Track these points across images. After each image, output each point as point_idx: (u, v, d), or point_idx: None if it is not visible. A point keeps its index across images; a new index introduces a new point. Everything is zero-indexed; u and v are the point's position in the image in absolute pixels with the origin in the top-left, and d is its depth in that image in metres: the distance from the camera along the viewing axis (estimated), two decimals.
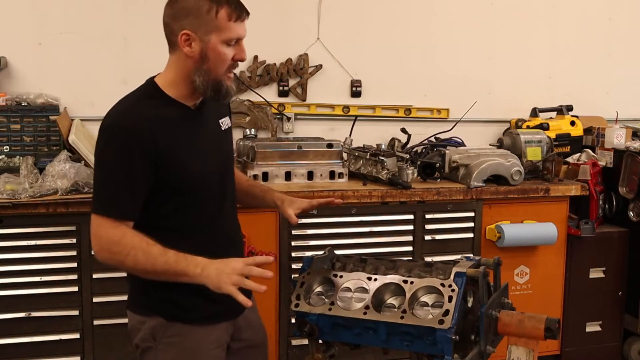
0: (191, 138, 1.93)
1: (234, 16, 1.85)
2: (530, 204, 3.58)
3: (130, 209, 1.85)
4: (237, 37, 1.88)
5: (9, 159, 3.42)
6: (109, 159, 1.84)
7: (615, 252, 3.76)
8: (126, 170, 1.82)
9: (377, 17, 4.10)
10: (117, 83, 3.74)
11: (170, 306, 1.96)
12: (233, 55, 1.89)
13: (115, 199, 1.83)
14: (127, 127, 1.83)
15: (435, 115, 4.23)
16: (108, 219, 1.83)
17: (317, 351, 2.16)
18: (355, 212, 3.34)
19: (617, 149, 3.82)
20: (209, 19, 1.84)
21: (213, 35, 1.85)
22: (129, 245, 1.80)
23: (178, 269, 1.78)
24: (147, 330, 1.98)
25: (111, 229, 1.82)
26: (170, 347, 1.97)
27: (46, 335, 3.02)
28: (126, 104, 1.91)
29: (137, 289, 2.02)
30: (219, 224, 2.04)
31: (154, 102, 1.90)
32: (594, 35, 4.47)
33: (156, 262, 1.79)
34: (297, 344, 3.30)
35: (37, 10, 3.62)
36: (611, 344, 3.83)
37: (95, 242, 1.84)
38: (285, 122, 3.97)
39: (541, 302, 3.59)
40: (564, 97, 4.30)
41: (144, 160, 1.82)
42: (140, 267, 1.81)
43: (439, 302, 1.94)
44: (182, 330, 1.97)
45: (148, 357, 2.00)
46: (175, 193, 1.92)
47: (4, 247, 2.95)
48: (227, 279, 1.75)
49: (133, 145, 1.81)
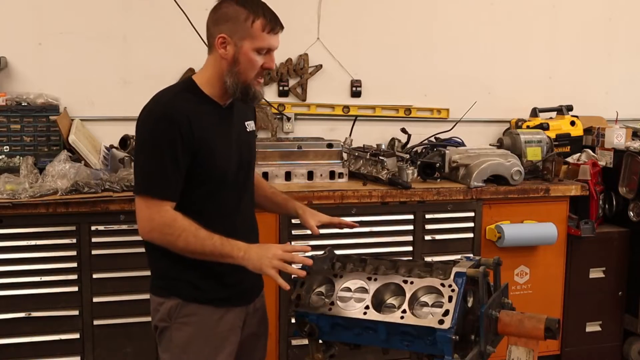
0: (220, 132, 2.09)
1: (267, 28, 2.03)
2: (530, 204, 3.58)
3: (175, 190, 2.01)
4: (268, 47, 2.05)
5: (9, 159, 3.42)
6: (155, 143, 1.99)
7: (615, 252, 3.76)
8: (170, 154, 1.97)
9: (377, 17, 4.10)
10: (117, 83, 3.75)
11: (186, 287, 2.08)
12: (262, 63, 2.06)
13: (162, 181, 1.99)
14: (168, 116, 1.99)
15: (435, 115, 4.23)
16: (155, 200, 1.98)
17: (317, 351, 2.16)
18: (355, 212, 3.34)
19: (617, 149, 3.82)
20: (245, 26, 2.01)
21: (246, 42, 2.02)
22: (180, 228, 1.96)
23: (224, 251, 1.97)
24: (164, 311, 2.10)
25: (162, 212, 1.98)
26: (184, 326, 2.09)
27: (46, 335, 3.02)
28: (166, 97, 2.07)
29: (157, 273, 2.16)
30: (238, 214, 2.16)
31: (190, 97, 2.06)
32: (593, 36, 4.47)
33: (205, 244, 1.96)
34: (297, 344, 3.30)
35: (37, 10, 3.62)
36: (611, 344, 3.83)
37: (145, 224, 2.00)
38: (285, 122, 3.97)
39: (541, 302, 3.59)
40: (564, 97, 4.30)
41: (183, 146, 1.98)
42: (191, 247, 1.97)
43: (439, 302, 1.94)
44: (197, 310, 2.09)
45: (164, 337, 2.12)
46: (202, 181, 2.06)
47: (4, 247, 2.95)
48: (269, 263, 1.94)
49: (175, 132, 1.97)
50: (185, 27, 3.68)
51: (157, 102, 2.05)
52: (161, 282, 2.15)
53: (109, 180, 3.08)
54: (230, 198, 2.13)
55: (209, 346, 2.11)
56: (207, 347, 2.11)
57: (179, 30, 3.71)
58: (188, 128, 1.98)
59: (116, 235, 3.06)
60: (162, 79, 3.73)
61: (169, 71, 3.79)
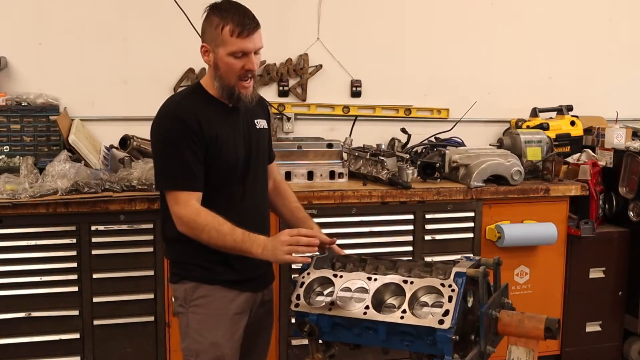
0: (226, 129, 2.23)
1: (236, 32, 2.13)
2: (530, 204, 3.58)
3: (199, 180, 2.17)
4: (240, 51, 2.15)
5: (9, 159, 3.42)
6: (171, 141, 2.15)
7: (615, 252, 3.76)
8: (188, 147, 2.13)
9: (377, 17, 4.10)
10: (117, 83, 3.75)
11: (198, 269, 2.24)
12: (242, 65, 2.17)
13: (186, 174, 2.14)
14: (179, 115, 2.16)
15: (435, 115, 4.23)
16: (182, 194, 2.14)
17: (317, 351, 2.16)
18: (355, 212, 3.34)
19: (617, 149, 3.82)
20: (217, 33, 2.16)
21: (220, 48, 2.16)
22: (204, 222, 2.12)
23: (243, 247, 2.12)
24: (180, 296, 2.27)
25: (188, 206, 2.13)
26: (198, 308, 2.24)
27: (46, 335, 3.02)
28: (177, 98, 2.28)
29: (172, 262, 2.34)
30: (243, 208, 2.27)
31: (197, 98, 2.23)
32: (594, 36, 4.47)
33: (226, 239, 2.11)
34: (297, 344, 3.30)
35: (37, 10, 3.62)
36: (611, 344, 3.83)
37: (176, 219, 2.15)
38: (285, 122, 3.97)
39: (541, 302, 3.59)
40: (564, 97, 4.30)
41: (197, 141, 2.14)
42: (213, 241, 2.13)
43: (439, 302, 1.94)
44: (209, 292, 2.23)
45: (182, 323, 2.29)
46: (212, 174, 2.20)
47: (4, 247, 2.95)
48: (281, 250, 2.09)
49: (188, 129, 2.14)
50: (185, 27, 3.67)
51: (167, 105, 2.23)
52: (175, 269, 2.31)
53: (109, 180, 3.08)
54: (236, 191, 2.26)
55: (223, 327, 2.24)
56: (222, 329, 2.23)
57: (179, 30, 3.70)
58: (197, 125, 2.14)
59: (116, 235, 3.06)
60: (162, 79, 3.79)
61: (169, 71, 3.80)
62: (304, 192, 3.22)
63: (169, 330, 3.16)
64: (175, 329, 3.12)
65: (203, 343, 2.22)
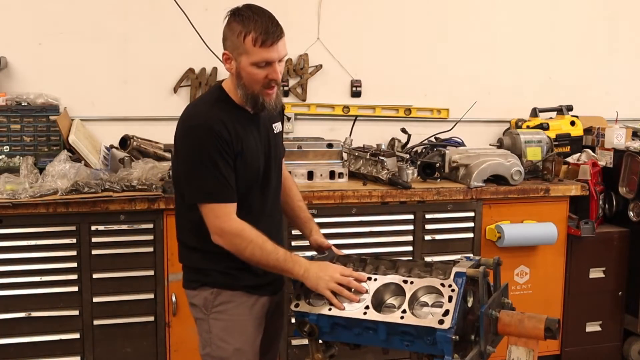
0: (251, 138, 2.17)
1: (259, 42, 2.04)
2: (530, 204, 3.58)
3: (235, 192, 2.12)
4: (264, 61, 2.07)
5: (9, 159, 3.42)
6: (204, 152, 2.06)
7: (615, 252, 3.76)
8: (221, 158, 2.07)
9: (377, 17, 4.10)
10: (117, 83, 3.75)
11: (220, 275, 2.20)
12: (265, 74, 2.09)
13: (222, 186, 2.08)
14: (209, 125, 2.07)
15: (435, 115, 4.23)
16: (221, 206, 2.08)
17: (317, 351, 2.16)
18: (355, 212, 3.34)
19: (617, 149, 3.82)
20: (239, 42, 2.06)
21: (243, 57, 2.07)
22: (248, 239, 2.08)
23: (285, 267, 2.12)
24: (199, 303, 2.22)
25: (230, 221, 2.09)
26: (220, 315, 2.20)
27: (46, 335, 3.02)
28: (205, 108, 2.15)
29: (189, 267, 2.28)
30: (263, 214, 2.26)
31: (223, 106, 2.15)
32: (593, 35, 4.47)
33: (269, 257, 2.10)
34: (297, 344, 3.30)
35: (37, 10, 3.62)
36: (611, 344, 3.83)
37: (216, 232, 2.09)
38: (285, 122, 3.97)
39: (541, 302, 3.59)
40: (564, 97, 4.30)
41: (227, 150, 2.08)
42: (256, 259, 2.10)
43: (439, 302, 1.94)
44: (230, 298, 2.20)
45: (202, 329, 2.24)
46: (238, 184, 2.14)
47: (4, 247, 2.95)
48: (325, 285, 2.07)
49: (222, 141, 2.07)
50: (186, 27, 3.68)
51: (195, 115, 2.13)
52: (193, 275, 2.25)
53: (109, 180, 3.08)
54: (258, 199, 2.22)
55: (246, 333, 2.21)
56: (245, 334, 2.21)
57: (179, 31, 3.71)
58: (228, 136, 2.08)
59: (116, 235, 3.06)
60: (162, 79, 3.80)
61: (169, 71, 3.80)
62: (304, 192, 3.20)
63: (169, 330, 3.16)
64: (176, 329, 3.15)
65: (227, 349, 2.19)
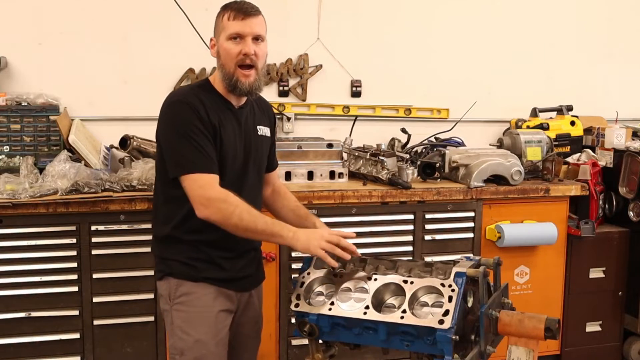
0: (229, 127, 2.23)
1: (232, 16, 2.19)
2: (530, 204, 3.58)
3: (215, 163, 2.15)
4: (235, 33, 2.18)
5: (9, 159, 3.42)
6: (184, 126, 2.13)
7: (615, 252, 3.76)
8: (200, 132, 2.13)
9: (377, 17, 4.10)
10: (117, 83, 3.75)
11: (182, 266, 2.22)
12: (239, 50, 2.18)
13: (204, 156, 2.12)
14: (188, 102, 2.16)
15: (435, 115, 4.23)
16: (205, 176, 2.10)
17: (317, 351, 2.16)
18: (355, 212, 3.34)
19: (617, 149, 3.82)
20: (218, 22, 2.24)
21: (221, 35, 2.22)
22: (234, 203, 2.08)
23: (275, 230, 2.11)
24: (164, 293, 2.26)
25: (215, 188, 2.10)
26: (181, 306, 2.22)
27: (46, 335, 3.02)
28: (184, 90, 2.28)
29: (156, 259, 2.32)
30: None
31: (206, 93, 2.24)
32: (593, 35, 4.47)
33: (257, 221, 2.09)
34: (297, 344, 3.30)
35: (37, 10, 3.62)
36: (611, 344, 3.83)
37: (202, 201, 2.09)
38: (285, 122, 3.97)
39: (541, 302, 3.59)
40: (564, 97, 4.30)
41: (208, 128, 2.15)
42: (244, 224, 2.08)
43: (439, 302, 1.94)
44: (192, 289, 2.21)
45: (167, 321, 2.27)
46: None
47: (4, 247, 2.95)
48: (317, 244, 2.07)
49: (199, 116, 2.14)
50: (186, 27, 3.68)
51: (174, 94, 2.25)
52: (159, 266, 2.30)
53: (109, 180, 3.08)
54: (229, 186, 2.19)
55: (207, 324, 2.20)
56: (206, 325, 2.20)
57: (179, 30, 3.71)
58: (205, 113, 2.15)
59: (116, 235, 3.06)
60: (162, 79, 3.79)
61: (169, 71, 3.80)
62: (304, 192, 3.22)
63: None
64: None
65: (187, 341, 2.19)
